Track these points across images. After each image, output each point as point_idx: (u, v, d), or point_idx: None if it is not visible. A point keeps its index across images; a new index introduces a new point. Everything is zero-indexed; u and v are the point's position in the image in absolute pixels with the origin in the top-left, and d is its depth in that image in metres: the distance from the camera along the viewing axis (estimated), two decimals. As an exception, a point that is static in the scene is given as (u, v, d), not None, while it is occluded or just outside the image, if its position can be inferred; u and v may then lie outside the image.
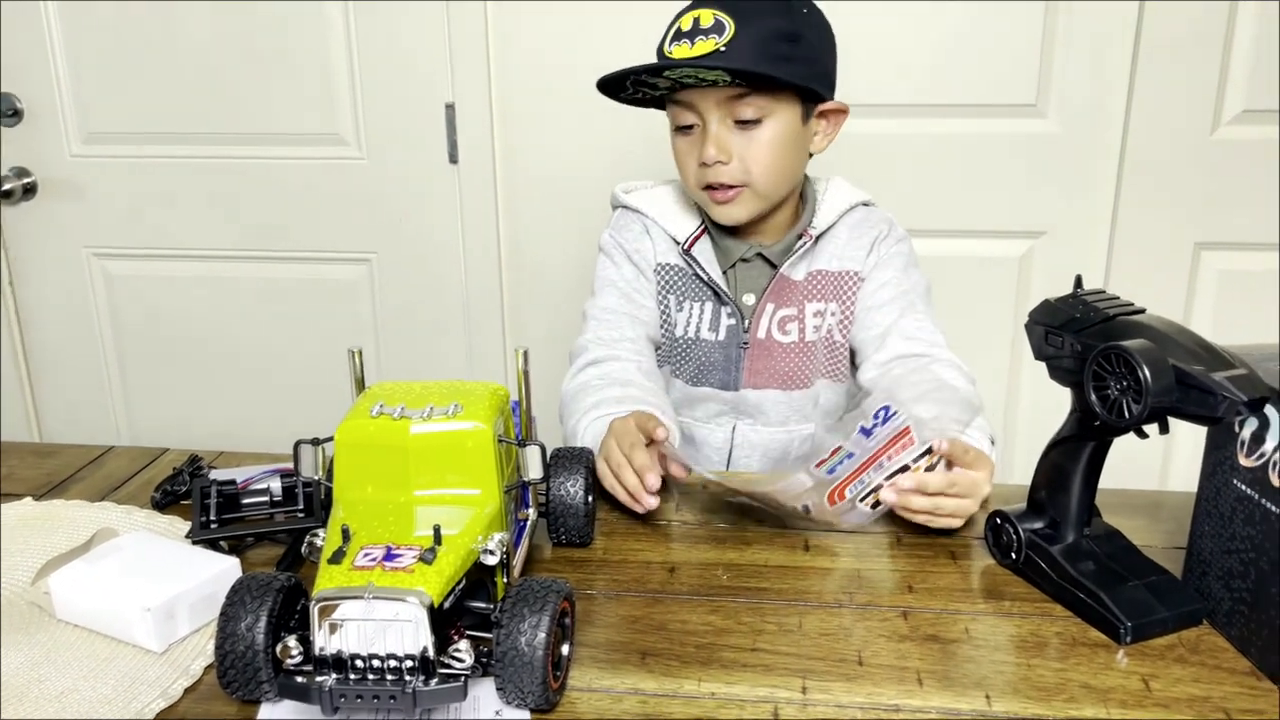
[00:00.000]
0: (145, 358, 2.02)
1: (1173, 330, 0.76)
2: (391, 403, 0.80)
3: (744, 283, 1.22)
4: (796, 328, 1.21)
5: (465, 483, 0.78)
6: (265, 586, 0.71)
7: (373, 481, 0.77)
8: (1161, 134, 1.67)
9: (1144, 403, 0.71)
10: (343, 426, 0.78)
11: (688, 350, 1.24)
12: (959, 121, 1.72)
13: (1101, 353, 0.75)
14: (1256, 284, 1.73)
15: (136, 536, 0.89)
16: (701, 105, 1.11)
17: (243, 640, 0.69)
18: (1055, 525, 0.87)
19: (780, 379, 1.23)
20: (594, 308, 1.24)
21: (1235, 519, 0.78)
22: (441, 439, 0.77)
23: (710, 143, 1.11)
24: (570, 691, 0.75)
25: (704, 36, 1.05)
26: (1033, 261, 1.77)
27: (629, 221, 1.25)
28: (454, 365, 1.94)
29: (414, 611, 0.66)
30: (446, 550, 0.70)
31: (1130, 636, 0.79)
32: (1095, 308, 0.81)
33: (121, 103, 1.87)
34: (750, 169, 1.12)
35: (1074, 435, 0.84)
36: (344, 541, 0.71)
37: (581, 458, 0.95)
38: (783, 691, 0.75)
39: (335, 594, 0.66)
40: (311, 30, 1.79)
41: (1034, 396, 1.81)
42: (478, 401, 0.80)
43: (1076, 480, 0.85)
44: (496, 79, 1.78)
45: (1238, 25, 1.62)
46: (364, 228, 1.89)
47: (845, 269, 1.20)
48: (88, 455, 1.16)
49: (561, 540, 0.94)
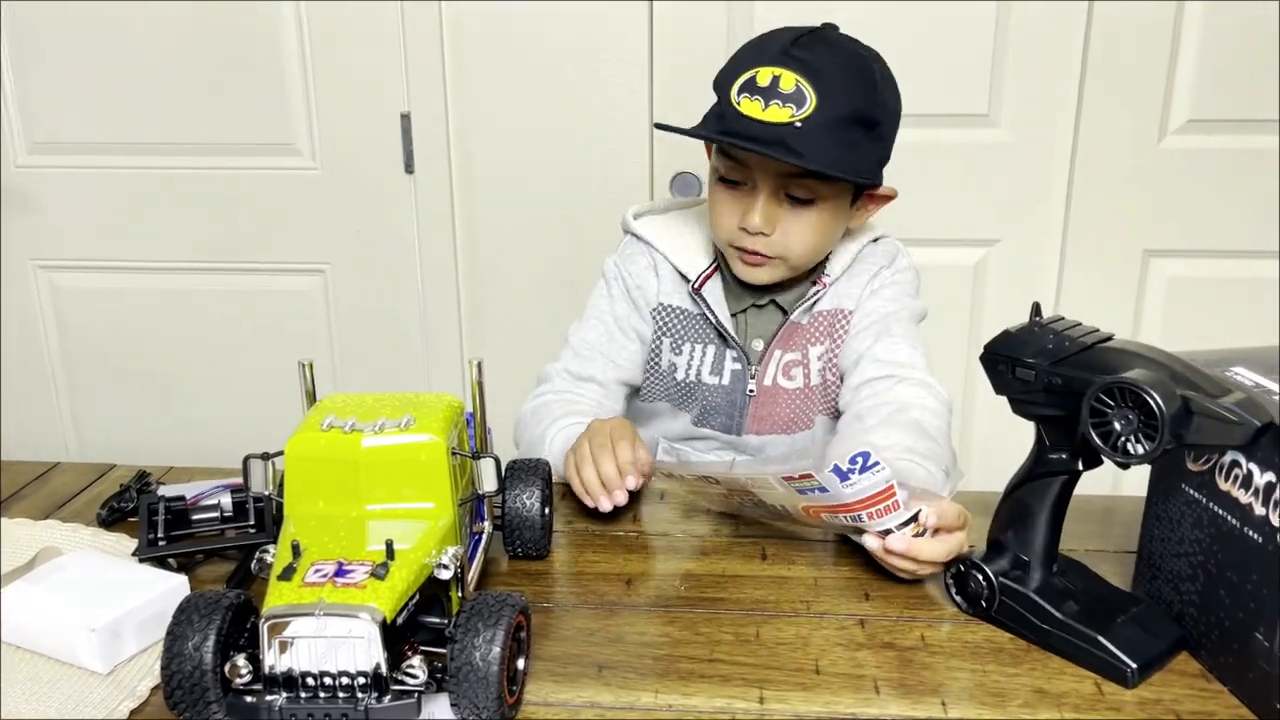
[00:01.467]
0: (94, 372, 1.98)
1: (1162, 356, 0.72)
2: (343, 415, 0.78)
3: (754, 328, 1.18)
4: (801, 373, 1.17)
5: (418, 496, 0.77)
6: (213, 604, 0.69)
7: (324, 496, 0.76)
8: (1110, 143, 1.70)
9: (1159, 438, 0.66)
10: (293, 440, 0.77)
11: (689, 393, 1.21)
12: (912, 131, 1.71)
13: (1103, 387, 0.69)
14: (1204, 290, 1.76)
15: (81, 555, 0.87)
16: (758, 172, 1.05)
17: (190, 660, 0.67)
18: (1023, 565, 0.82)
19: (784, 424, 1.19)
20: (575, 336, 1.21)
21: (1184, 523, 0.79)
22: (394, 452, 0.76)
23: (757, 212, 1.06)
24: (526, 705, 0.74)
25: (780, 102, 0.98)
26: (987, 269, 1.80)
27: (636, 254, 1.20)
28: (411, 376, 1.92)
29: (366, 628, 0.65)
30: (399, 565, 0.69)
31: (1137, 679, 0.75)
32: (1067, 336, 0.77)
33: (69, 111, 1.83)
34: (790, 245, 1.08)
35: (1042, 472, 0.80)
36: (294, 557, 0.70)
37: (538, 470, 0.94)
38: (740, 702, 0.74)
39: (285, 611, 0.65)
40: (264, 39, 1.77)
41: (990, 404, 1.82)
42: (431, 414, 0.79)
43: (1044, 518, 0.80)
44: (452, 88, 1.78)
45: (1182, 38, 1.65)
46: (318, 239, 1.87)
47: (839, 307, 1.16)
48: (32, 471, 1.14)
49: (518, 553, 0.93)
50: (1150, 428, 0.67)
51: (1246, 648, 0.73)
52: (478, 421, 0.88)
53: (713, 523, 1.01)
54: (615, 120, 1.76)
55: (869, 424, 1.05)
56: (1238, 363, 0.76)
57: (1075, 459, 0.78)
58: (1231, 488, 0.73)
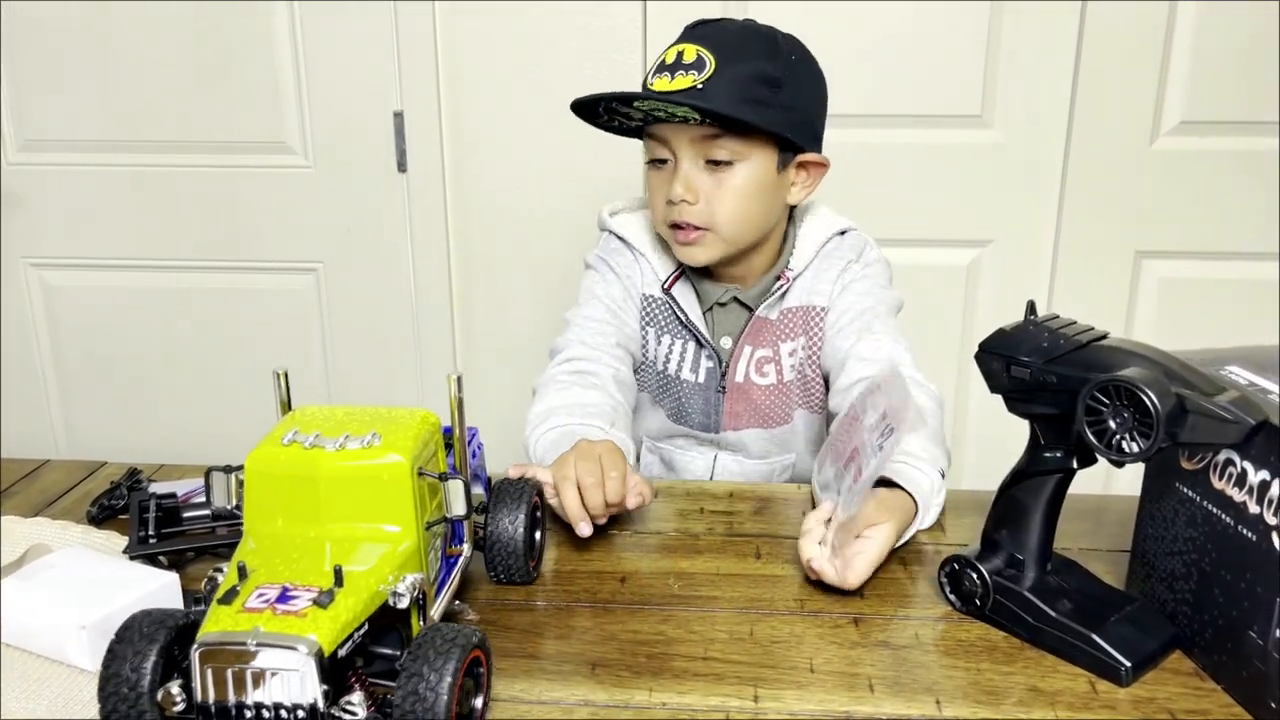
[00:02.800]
0: (84, 370, 1.97)
1: (1157, 355, 0.72)
2: (307, 430, 0.74)
3: (721, 326, 1.20)
4: (774, 369, 1.19)
5: (381, 518, 0.72)
6: (157, 625, 0.66)
7: (283, 514, 0.72)
8: (1102, 144, 1.71)
9: (1154, 436, 0.66)
10: (253, 454, 0.73)
11: (668, 387, 1.22)
12: (906, 132, 1.74)
13: (1098, 385, 0.69)
14: (1196, 292, 1.77)
15: (72, 552, 0.87)
16: (675, 142, 1.09)
17: (126, 683, 0.64)
18: (1017, 564, 0.82)
19: (760, 419, 1.21)
20: (578, 316, 1.20)
21: (1178, 522, 0.79)
22: (355, 472, 0.72)
23: (678, 180, 1.09)
24: (519, 704, 0.74)
25: (684, 72, 1.04)
26: (980, 270, 1.80)
27: (620, 247, 1.22)
28: (402, 377, 1.92)
29: (300, 660, 0.61)
30: (347, 592, 0.66)
31: (1130, 677, 0.75)
32: (1063, 334, 0.76)
33: (59, 109, 1.83)
34: (715, 212, 1.09)
35: (1037, 470, 0.80)
36: (240, 579, 0.67)
37: (525, 493, 0.89)
38: (734, 700, 0.74)
39: (218, 639, 0.62)
40: (257, 36, 1.76)
41: (982, 403, 1.83)
42: (400, 431, 0.75)
43: (1039, 516, 0.80)
44: (446, 87, 1.77)
45: (1175, 39, 1.66)
46: (310, 237, 1.86)
47: (811, 303, 1.17)
48: (22, 469, 1.13)
49: (500, 579, 0.88)
50: (1145, 426, 0.67)
51: (1241, 646, 0.73)
52: (456, 439, 0.83)
53: (706, 521, 1.01)
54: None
55: None
56: (1232, 361, 0.76)
57: (1070, 457, 0.78)
58: (1226, 486, 0.73)
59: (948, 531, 0.99)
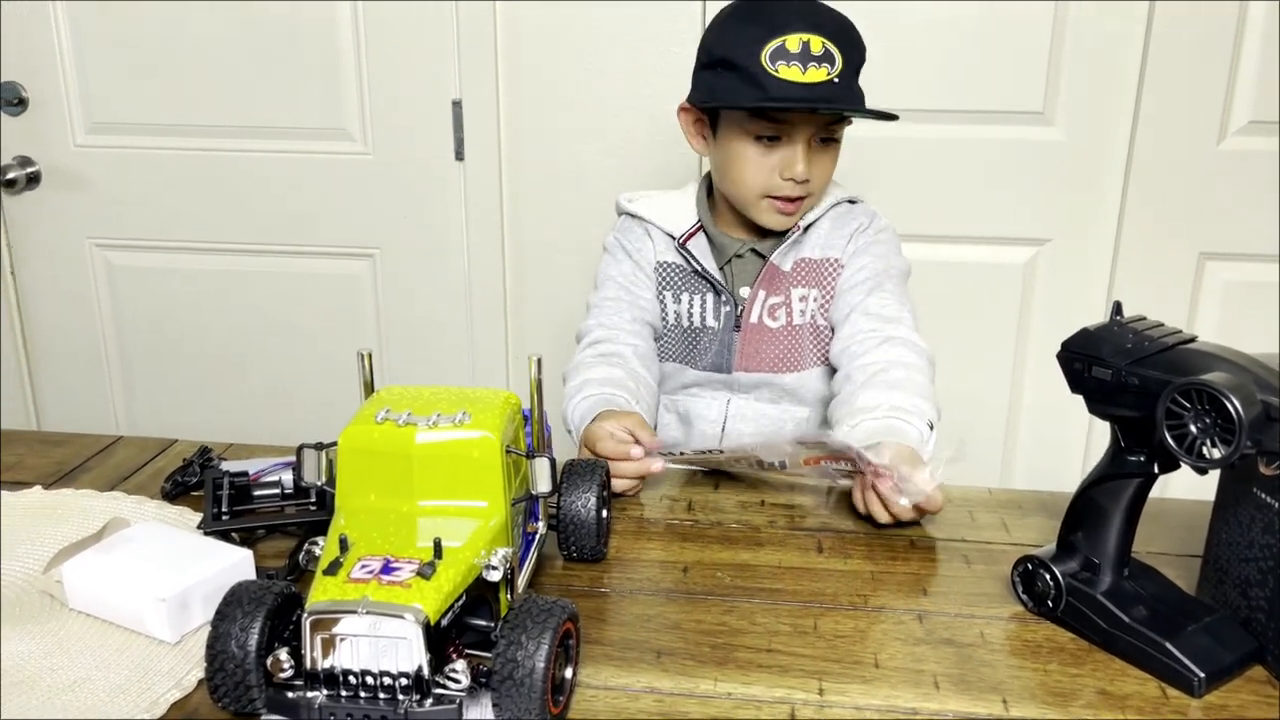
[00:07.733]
0: (146, 349, 2.01)
1: (1245, 360, 0.71)
2: (398, 408, 0.76)
3: (740, 276, 1.27)
4: (784, 313, 1.26)
5: (470, 494, 0.75)
6: (260, 594, 0.68)
7: (375, 489, 0.75)
8: (1168, 143, 1.68)
9: (1236, 442, 0.65)
10: (346, 432, 0.75)
11: (690, 337, 1.29)
12: (966, 128, 1.72)
13: (1179, 389, 0.68)
14: (1260, 295, 1.73)
15: (149, 527, 0.89)
16: (800, 126, 1.15)
17: (234, 650, 0.67)
18: (1093, 567, 0.81)
19: (771, 362, 1.27)
20: (596, 299, 1.30)
21: (1254, 527, 0.78)
22: (447, 448, 0.74)
23: (800, 160, 1.15)
24: (586, 689, 0.74)
25: (816, 64, 1.10)
26: (1036, 269, 1.78)
27: (631, 225, 1.31)
28: (456, 362, 1.93)
29: (409, 629, 0.64)
30: (447, 564, 0.68)
31: (1204, 688, 0.74)
32: (1148, 336, 0.75)
33: (127, 93, 1.86)
34: (816, 184, 1.19)
35: (1117, 473, 0.79)
36: (341, 552, 0.69)
37: (595, 472, 0.92)
38: (799, 693, 0.75)
39: (328, 608, 0.65)
40: (319, 25, 1.78)
41: (1036, 402, 1.81)
42: (487, 410, 0.77)
43: (1118, 520, 0.79)
44: (504, 76, 1.78)
45: (1245, 36, 1.62)
46: (368, 223, 1.88)
47: (827, 256, 1.25)
48: (96, 445, 1.16)
49: (572, 555, 0.91)
50: (1227, 432, 0.66)
51: (1316, 655, 0.72)
52: (535, 419, 0.86)
53: (768, 514, 1.01)
54: (665, 110, 1.75)
55: (857, 383, 1.14)
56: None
57: (1151, 462, 0.77)
58: (1305, 493, 0.72)
59: (1011, 531, 0.98)
